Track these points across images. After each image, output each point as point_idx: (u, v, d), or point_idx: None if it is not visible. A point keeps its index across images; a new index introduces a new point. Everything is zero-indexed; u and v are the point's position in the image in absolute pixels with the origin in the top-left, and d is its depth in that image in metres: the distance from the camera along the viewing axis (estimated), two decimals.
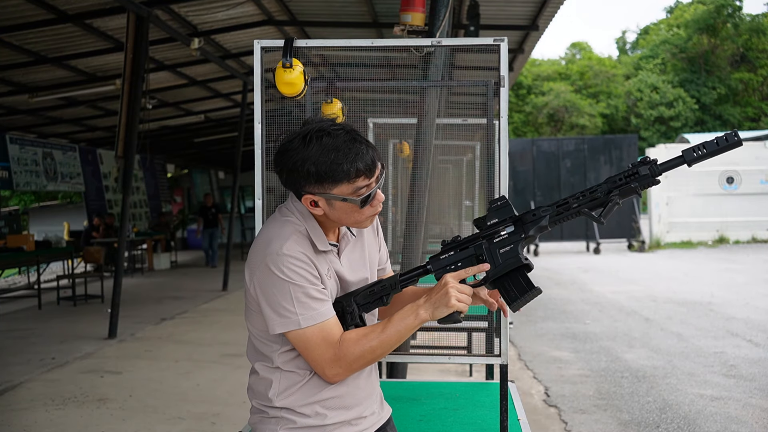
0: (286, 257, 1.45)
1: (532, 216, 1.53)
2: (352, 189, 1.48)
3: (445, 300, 1.46)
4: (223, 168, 22.70)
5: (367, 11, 7.87)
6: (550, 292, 10.05)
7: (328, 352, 1.47)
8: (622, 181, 1.49)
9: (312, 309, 1.46)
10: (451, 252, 1.57)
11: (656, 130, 35.20)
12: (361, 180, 1.48)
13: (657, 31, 40.55)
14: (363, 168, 1.47)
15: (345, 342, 1.48)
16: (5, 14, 7.06)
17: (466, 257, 1.55)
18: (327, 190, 1.47)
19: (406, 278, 1.58)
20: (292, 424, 1.53)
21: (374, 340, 1.48)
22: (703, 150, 1.44)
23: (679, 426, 4.22)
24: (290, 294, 1.45)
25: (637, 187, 1.49)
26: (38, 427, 4.32)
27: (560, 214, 1.53)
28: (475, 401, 2.76)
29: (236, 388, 5.07)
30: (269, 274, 1.46)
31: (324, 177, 1.46)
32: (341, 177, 1.46)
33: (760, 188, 17.07)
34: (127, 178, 7.30)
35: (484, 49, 2.37)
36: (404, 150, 4.79)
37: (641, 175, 1.48)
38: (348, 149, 1.46)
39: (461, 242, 1.57)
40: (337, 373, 1.49)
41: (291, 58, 2.31)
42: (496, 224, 1.55)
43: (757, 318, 7.55)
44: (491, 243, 1.54)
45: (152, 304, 9.35)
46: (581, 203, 1.52)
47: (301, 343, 1.48)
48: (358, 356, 1.48)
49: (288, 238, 1.48)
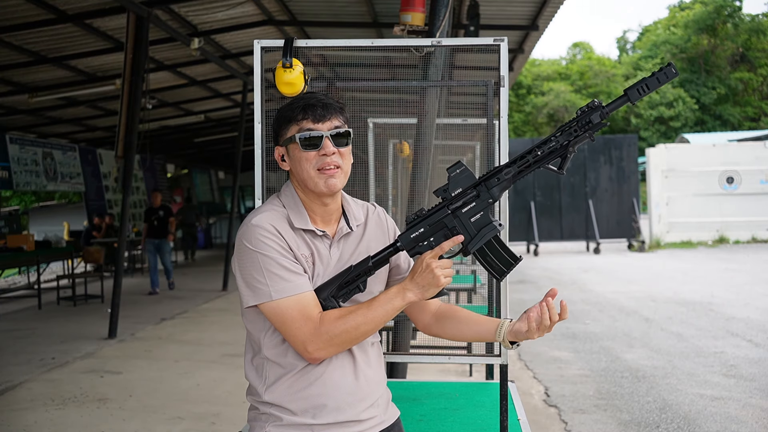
0: (254, 228, 1.49)
1: (496, 180, 1.53)
2: (297, 129, 1.54)
3: (435, 281, 1.47)
4: (223, 168, 22.71)
5: (367, 11, 7.87)
6: None
7: (306, 326, 1.45)
8: (578, 132, 1.50)
9: (284, 280, 1.46)
10: (421, 229, 1.55)
11: (656, 130, 35.20)
12: (306, 122, 1.53)
13: (655, 31, 40.55)
14: (310, 113, 1.53)
15: (326, 317, 1.47)
16: (5, 14, 7.07)
17: (438, 231, 1.54)
18: (283, 136, 1.56)
19: (377, 258, 1.56)
20: (279, 421, 1.52)
21: (359, 317, 1.47)
22: (645, 87, 1.47)
23: (679, 426, 4.22)
24: (259, 264, 1.47)
25: (592, 134, 1.50)
26: (38, 427, 4.32)
27: (522, 170, 1.53)
28: (475, 401, 2.76)
29: (236, 388, 5.07)
30: (241, 247, 1.50)
31: (280, 122, 1.57)
32: (290, 118, 1.54)
33: (760, 188, 17.07)
34: (127, 178, 7.31)
35: (484, 49, 2.37)
36: (404, 150, 4.80)
37: (594, 123, 1.49)
38: (307, 98, 1.55)
39: (427, 215, 1.55)
40: (318, 347, 1.46)
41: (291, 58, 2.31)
42: (461, 194, 1.54)
43: (757, 318, 7.55)
44: (461, 213, 1.54)
45: (152, 304, 9.35)
46: (540, 157, 1.52)
47: (277, 317, 1.47)
48: (341, 331, 1.46)
49: (261, 213, 1.53)
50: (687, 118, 34.61)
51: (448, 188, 1.55)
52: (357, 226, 1.64)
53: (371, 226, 1.67)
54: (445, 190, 1.55)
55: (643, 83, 1.47)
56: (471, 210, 1.54)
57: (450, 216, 1.54)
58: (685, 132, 31.78)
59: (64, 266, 11.33)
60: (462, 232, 1.54)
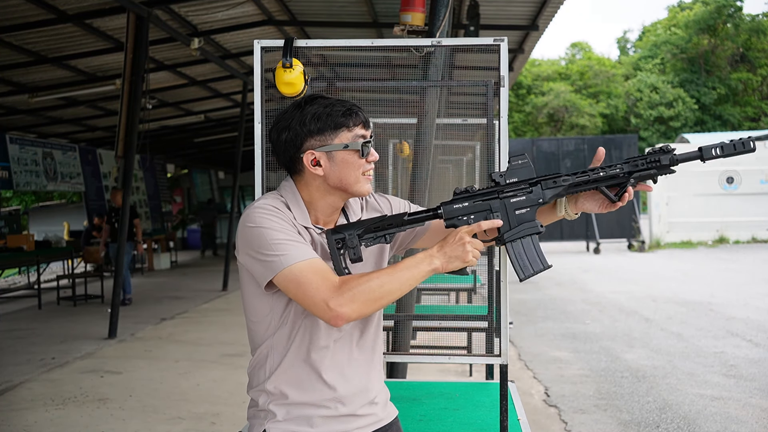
0: (258, 209, 1.48)
1: (552, 183, 1.54)
2: (351, 136, 1.51)
3: (462, 255, 1.47)
4: (223, 168, 22.71)
5: (367, 11, 7.87)
6: (550, 292, 10.05)
7: (325, 284, 1.39)
8: (644, 167, 1.51)
9: (294, 248, 1.43)
10: (465, 202, 1.54)
11: (656, 130, 35.20)
12: (359, 128, 1.52)
13: (655, 32, 40.55)
14: (362, 118, 1.52)
15: (347, 278, 1.43)
16: (5, 14, 7.06)
17: (480, 211, 1.53)
18: (328, 141, 1.50)
19: (413, 219, 1.55)
20: (275, 417, 1.52)
21: (384, 275, 1.42)
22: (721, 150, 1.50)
23: (679, 426, 4.22)
24: (265, 239, 1.44)
25: (656, 174, 1.52)
26: (38, 427, 4.32)
27: (578, 184, 1.54)
28: (475, 401, 2.76)
29: (236, 388, 5.07)
30: (246, 230, 1.47)
31: (325, 127, 1.50)
32: (341, 124, 1.50)
33: (760, 188, 17.07)
34: (127, 178, 7.31)
35: (484, 49, 2.37)
36: (404, 150, 4.79)
37: (662, 164, 1.51)
38: (343, 103, 1.53)
39: (475, 194, 1.55)
40: (341, 303, 1.37)
41: (291, 58, 2.31)
42: (515, 183, 1.54)
43: (757, 318, 7.55)
44: (508, 202, 1.53)
45: (152, 304, 9.35)
46: (600, 178, 1.54)
47: (292, 282, 1.40)
48: (365, 287, 1.39)
49: (263, 199, 1.52)
50: (687, 118, 34.61)
51: (505, 175, 1.55)
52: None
53: (367, 215, 1.68)
54: (501, 175, 1.55)
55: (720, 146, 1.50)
56: (519, 202, 1.54)
57: (498, 201, 1.54)
58: (685, 132, 31.78)
59: (64, 266, 11.33)
60: (503, 220, 1.53)
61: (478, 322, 3.03)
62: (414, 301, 3.50)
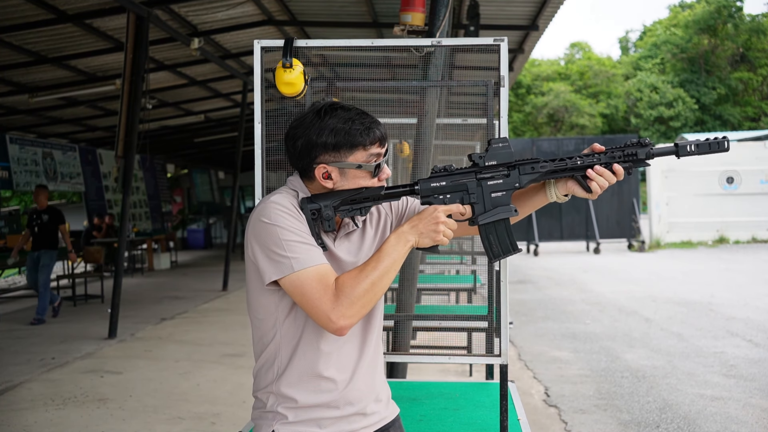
0: (273, 205, 1.48)
1: (530, 168, 1.56)
2: (366, 156, 1.52)
3: (435, 234, 1.49)
4: (223, 168, 22.71)
5: (367, 11, 7.87)
6: (550, 292, 10.05)
7: (326, 294, 1.43)
8: (621, 159, 1.55)
9: (304, 252, 1.45)
10: (443, 181, 1.56)
11: (656, 130, 35.21)
12: (375, 147, 1.53)
13: (655, 32, 40.56)
14: (378, 136, 1.52)
15: (342, 281, 1.45)
16: (5, 14, 7.07)
17: (457, 191, 1.55)
18: (342, 158, 1.51)
19: (390, 193, 1.57)
20: (285, 419, 1.52)
21: (372, 272, 1.45)
22: (696, 147, 1.56)
23: (679, 426, 4.22)
24: (279, 238, 1.45)
25: (631, 167, 1.56)
26: (38, 427, 4.32)
27: (556, 171, 1.57)
28: (475, 401, 2.76)
29: (236, 388, 5.07)
30: (260, 224, 1.47)
31: (341, 144, 1.50)
32: (358, 143, 1.50)
33: (760, 188, 17.07)
34: (127, 178, 7.31)
35: (484, 49, 2.37)
36: (404, 150, 4.79)
37: (638, 157, 1.55)
38: (363, 119, 1.52)
39: (453, 173, 1.56)
40: (341, 314, 1.42)
41: (291, 58, 2.31)
42: (494, 166, 1.56)
43: (757, 318, 7.55)
44: (485, 184, 1.55)
45: (152, 304, 9.35)
46: (577, 166, 1.56)
47: (297, 289, 1.44)
48: (359, 292, 1.43)
49: (278, 194, 1.53)
50: (687, 118, 34.62)
51: (484, 157, 1.56)
52: (362, 220, 1.65)
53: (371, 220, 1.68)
54: (481, 157, 1.57)
55: (695, 144, 1.55)
56: (496, 185, 1.56)
57: (474, 182, 1.55)
58: (685, 132, 31.80)
59: (64, 266, 11.33)
60: (478, 202, 1.55)
61: (478, 322, 3.03)
62: (414, 301, 3.50)
